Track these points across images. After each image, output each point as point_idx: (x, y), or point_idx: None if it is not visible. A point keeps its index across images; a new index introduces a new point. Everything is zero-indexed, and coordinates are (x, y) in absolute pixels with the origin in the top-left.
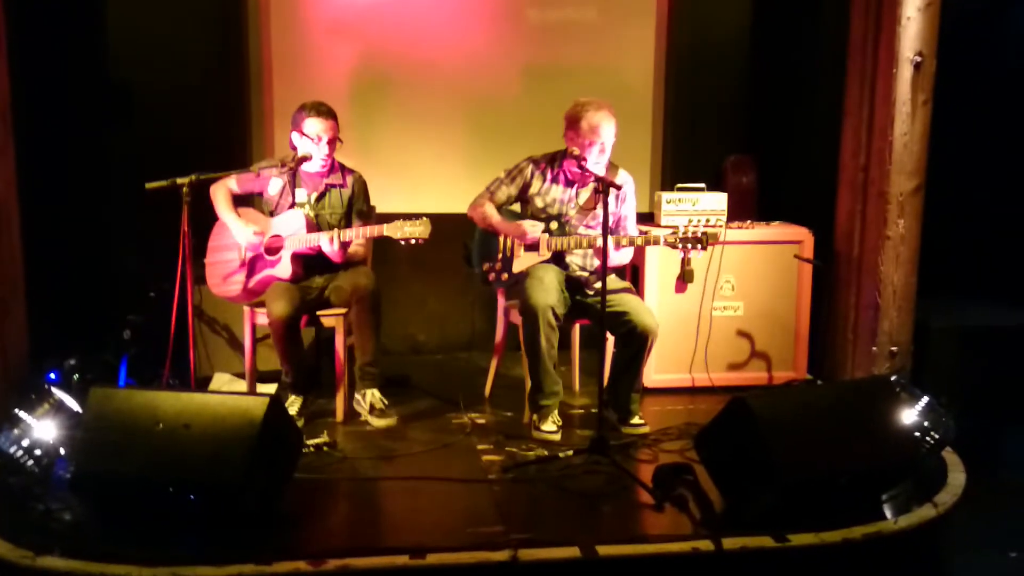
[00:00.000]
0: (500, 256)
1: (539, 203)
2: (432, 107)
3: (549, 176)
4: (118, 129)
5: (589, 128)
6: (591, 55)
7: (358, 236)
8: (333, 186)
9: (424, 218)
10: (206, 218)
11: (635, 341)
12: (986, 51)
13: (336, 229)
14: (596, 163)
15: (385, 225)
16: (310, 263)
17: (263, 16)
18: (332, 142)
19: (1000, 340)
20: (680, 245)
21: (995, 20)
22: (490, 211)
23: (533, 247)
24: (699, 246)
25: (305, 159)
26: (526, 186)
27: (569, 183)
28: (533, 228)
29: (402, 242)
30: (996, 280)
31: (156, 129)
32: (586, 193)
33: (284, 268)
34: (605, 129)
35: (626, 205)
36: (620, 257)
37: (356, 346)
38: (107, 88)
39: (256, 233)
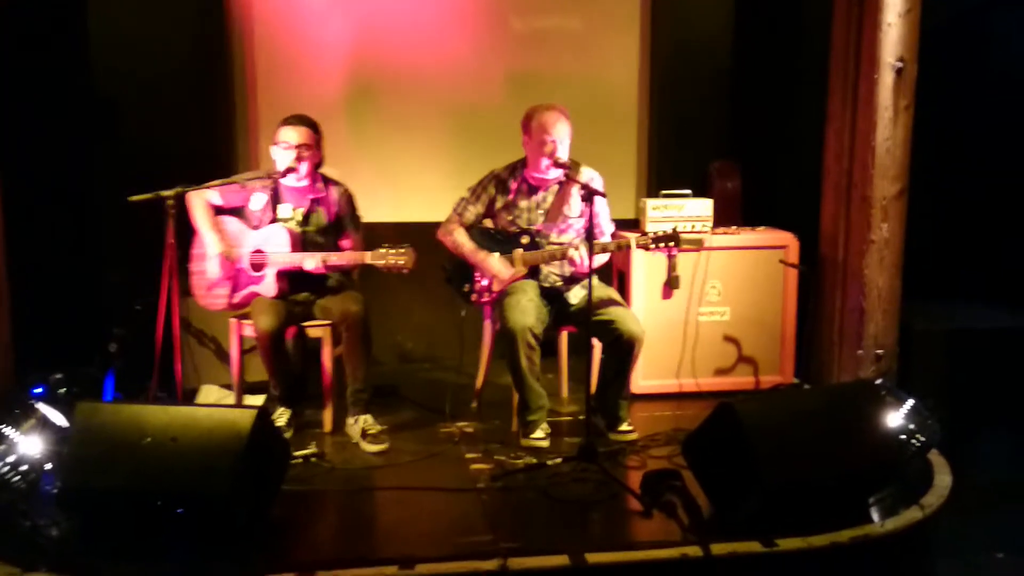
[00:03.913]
0: (478, 277)
1: (507, 216)
2: (417, 116)
3: (512, 187)
4: (102, 142)
5: (539, 127)
6: (575, 63)
7: (343, 260)
8: (317, 202)
9: (408, 247)
10: (191, 231)
11: (621, 348)
12: (967, 55)
13: (323, 252)
14: (548, 163)
15: (368, 253)
16: (296, 277)
17: (247, 28)
18: (302, 148)
19: (985, 342)
20: (652, 245)
21: (975, 24)
22: (461, 239)
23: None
24: (672, 243)
25: (291, 170)
26: (492, 202)
27: (532, 190)
28: (502, 270)
29: (384, 271)
30: (980, 283)
31: (140, 142)
32: (550, 197)
33: (268, 286)
34: (554, 127)
35: (596, 202)
36: (595, 261)
37: (347, 373)
38: (91, 101)
39: (226, 253)
